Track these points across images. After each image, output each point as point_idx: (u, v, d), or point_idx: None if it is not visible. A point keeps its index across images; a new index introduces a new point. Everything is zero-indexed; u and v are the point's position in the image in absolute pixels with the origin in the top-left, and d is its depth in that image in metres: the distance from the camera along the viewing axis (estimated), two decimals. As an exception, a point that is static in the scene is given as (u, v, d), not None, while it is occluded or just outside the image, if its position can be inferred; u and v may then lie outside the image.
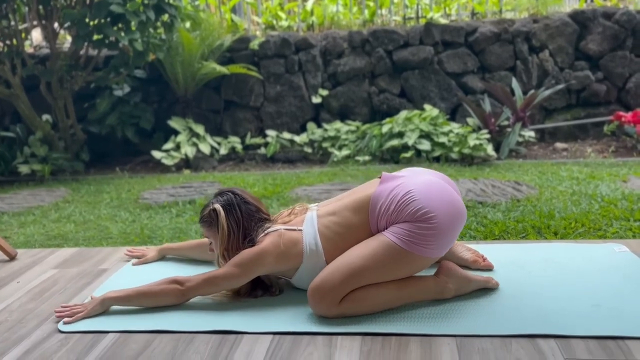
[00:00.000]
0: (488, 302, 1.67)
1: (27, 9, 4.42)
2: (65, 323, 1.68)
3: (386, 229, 1.65)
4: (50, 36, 4.31)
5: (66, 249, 2.47)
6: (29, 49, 5.03)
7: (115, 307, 1.75)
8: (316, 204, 1.84)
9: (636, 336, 1.44)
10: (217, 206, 1.77)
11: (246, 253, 1.69)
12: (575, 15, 4.62)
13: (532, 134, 4.47)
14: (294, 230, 1.72)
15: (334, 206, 1.75)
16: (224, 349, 1.52)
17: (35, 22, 4.60)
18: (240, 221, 1.75)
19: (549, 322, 1.53)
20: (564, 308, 1.60)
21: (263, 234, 1.74)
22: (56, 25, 4.37)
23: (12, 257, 2.34)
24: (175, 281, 1.72)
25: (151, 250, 2.19)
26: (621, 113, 4.33)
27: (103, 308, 1.73)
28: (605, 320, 1.52)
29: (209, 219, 1.79)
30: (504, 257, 1.98)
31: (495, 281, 1.76)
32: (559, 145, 4.48)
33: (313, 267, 1.70)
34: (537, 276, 1.82)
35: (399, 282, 1.65)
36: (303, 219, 1.75)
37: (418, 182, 1.67)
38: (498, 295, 1.70)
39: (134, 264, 2.14)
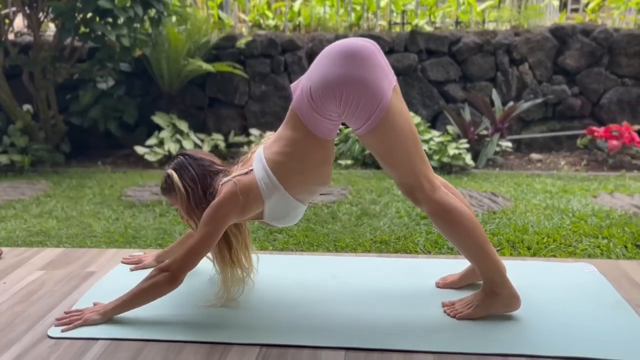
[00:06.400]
0: (466, 320, 1.76)
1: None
2: (63, 331, 1.71)
3: (325, 117, 1.64)
4: (34, 25, 4.26)
5: (51, 249, 2.48)
6: (10, 35, 4.95)
7: (104, 314, 1.79)
8: (267, 137, 1.84)
9: (602, 358, 1.55)
10: (170, 171, 1.80)
11: (209, 209, 1.70)
12: (555, 31, 4.76)
13: (510, 144, 4.61)
14: (246, 173, 1.73)
15: (274, 136, 1.76)
16: (213, 359, 1.58)
17: (17, 9, 4.53)
18: (195, 178, 1.77)
19: (522, 341, 1.63)
20: (536, 327, 1.70)
21: (220, 185, 1.75)
22: (41, 15, 4.31)
23: (-3, 256, 2.35)
24: (161, 270, 1.71)
25: (149, 257, 2.22)
26: (594, 128, 4.49)
27: (104, 319, 1.75)
28: (574, 340, 1.63)
29: (166, 186, 1.82)
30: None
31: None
32: (534, 156, 4.63)
33: (277, 200, 1.71)
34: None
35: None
36: (253, 157, 1.76)
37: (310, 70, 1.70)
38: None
39: (131, 270, 2.16)
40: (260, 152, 1.73)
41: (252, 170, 1.72)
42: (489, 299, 1.75)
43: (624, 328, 1.69)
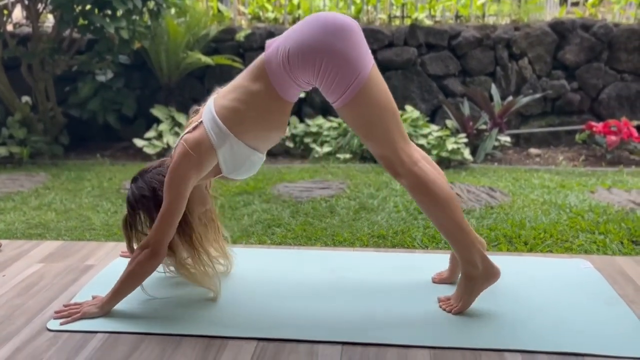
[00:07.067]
0: (462, 314, 1.77)
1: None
2: (62, 324, 1.72)
3: (295, 81, 1.64)
4: (33, 17, 4.24)
5: (50, 242, 2.49)
6: (8, 26, 4.93)
7: (104, 307, 1.80)
8: (218, 90, 1.82)
9: (596, 353, 1.57)
10: (124, 216, 1.86)
11: (167, 176, 1.70)
12: (555, 26, 4.75)
13: (508, 138, 4.61)
14: (194, 128, 1.72)
15: (231, 85, 1.74)
16: (210, 353, 1.59)
17: (15, 0, 4.51)
18: (137, 198, 1.80)
19: (517, 336, 1.64)
20: (531, 323, 1.72)
21: (173, 150, 1.76)
22: (39, 6, 4.29)
23: (-4, 248, 2.36)
24: (141, 248, 1.72)
25: None
26: (593, 123, 4.49)
27: (102, 312, 1.76)
28: (568, 336, 1.64)
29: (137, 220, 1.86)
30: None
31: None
32: (533, 150, 4.63)
33: (230, 148, 1.70)
34: (508, 290, 1.93)
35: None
36: (203, 111, 1.76)
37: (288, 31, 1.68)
38: (471, 308, 1.81)
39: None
40: (210, 103, 1.73)
41: (201, 122, 1.72)
42: (470, 282, 1.76)
43: (617, 324, 1.71)
